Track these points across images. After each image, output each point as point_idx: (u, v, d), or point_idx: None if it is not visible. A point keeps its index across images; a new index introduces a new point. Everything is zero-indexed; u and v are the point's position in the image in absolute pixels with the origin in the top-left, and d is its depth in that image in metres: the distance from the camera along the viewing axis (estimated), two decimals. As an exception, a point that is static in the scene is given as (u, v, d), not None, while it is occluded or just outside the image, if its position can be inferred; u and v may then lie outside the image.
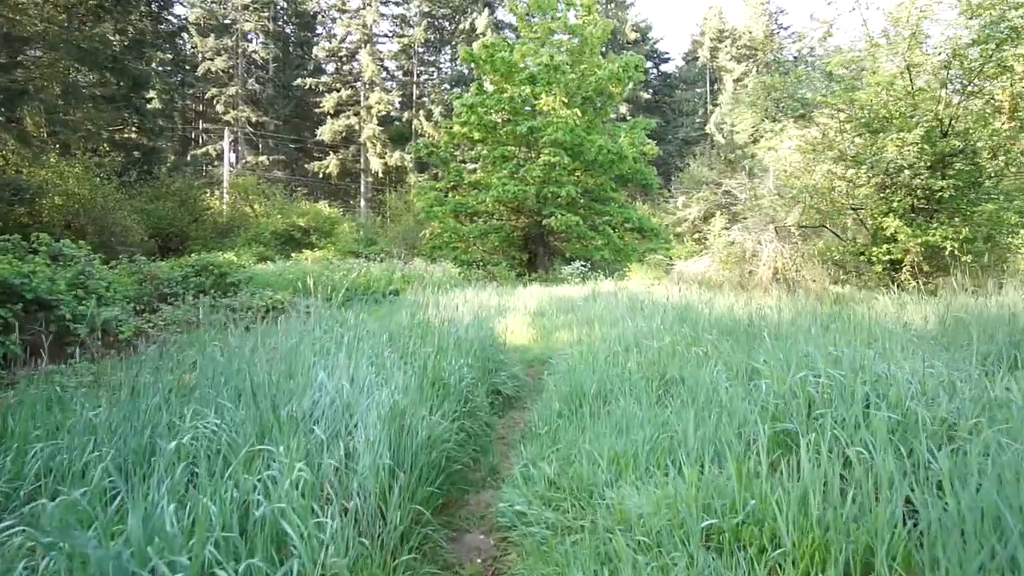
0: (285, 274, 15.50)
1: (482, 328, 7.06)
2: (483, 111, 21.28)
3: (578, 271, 16.33)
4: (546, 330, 9.07)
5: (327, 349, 4.72)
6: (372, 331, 6.26)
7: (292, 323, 6.30)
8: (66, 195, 23.14)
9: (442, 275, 16.84)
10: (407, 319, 7.19)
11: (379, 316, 10.23)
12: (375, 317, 9.25)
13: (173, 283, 11.81)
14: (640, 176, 22.68)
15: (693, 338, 5.85)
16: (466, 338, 6.31)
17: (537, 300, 11.90)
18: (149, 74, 29.34)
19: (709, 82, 46.32)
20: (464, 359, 5.36)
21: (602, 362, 5.44)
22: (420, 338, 5.72)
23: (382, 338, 5.56)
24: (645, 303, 9.95)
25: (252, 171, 38.33)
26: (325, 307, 10.06)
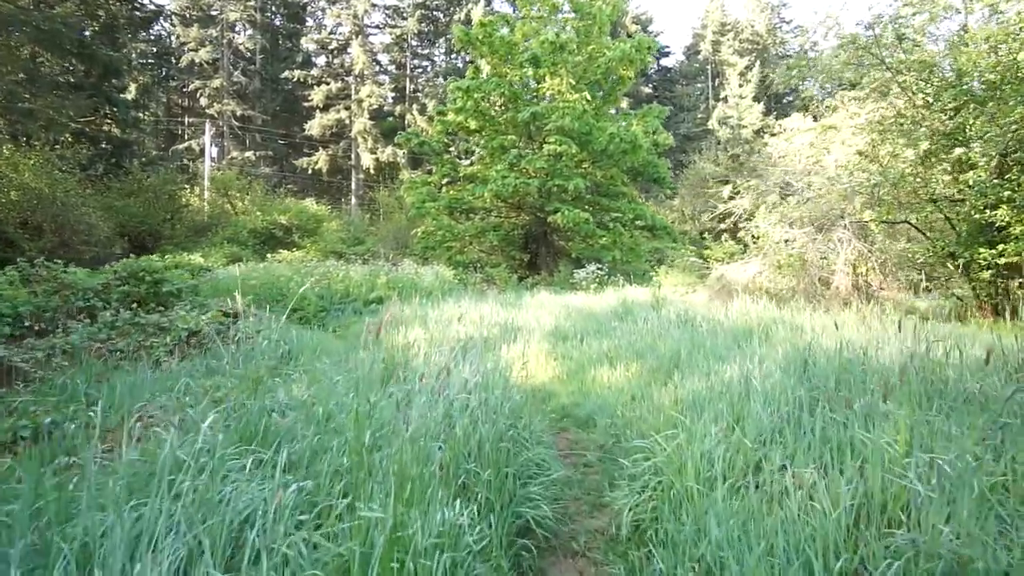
0: (248, 279, 12.68)
1: (491, 384, 4.27)
2: (480, 96, 18.51)
3: (593, 275, 13.62)
4: (575, 364, 6.33)
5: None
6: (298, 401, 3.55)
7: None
8: (22, 189, 20.16)
9: (434, 279, 14.07)
10: (373, 360, 4.44)
11: (338, 343, 7.52)
12: (338, 341, 6.53)
13: (89, 294, 9.00)
14: (652, 169, 19.97)
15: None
16: (467, 412, 3.54)
17: (551, 314, 9.17)
18: (121, 61, 26.38)
19: (711, 77, 43.66)
20: (466, 504, 2.60)
21: (727, 490, 2.70)
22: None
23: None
24: (701, 323, 7.23)
25: (239, 167, 35.40)
26: (272, 328, 7.36)
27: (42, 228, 20.11)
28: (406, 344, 7.13)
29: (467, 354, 5.97)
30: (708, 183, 32.74)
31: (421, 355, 5.98)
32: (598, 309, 9.36)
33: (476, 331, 8.22)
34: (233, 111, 36.59)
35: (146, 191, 25.37)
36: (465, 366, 4.63)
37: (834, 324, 5.98)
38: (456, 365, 5.10)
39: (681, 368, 5.20)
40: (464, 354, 6.36)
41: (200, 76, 36.59)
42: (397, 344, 7.79)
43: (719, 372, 4.69)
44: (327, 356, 5.98)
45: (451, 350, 6.01)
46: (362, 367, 3.84)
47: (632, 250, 19.44)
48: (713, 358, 5.50)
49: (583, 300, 10.74)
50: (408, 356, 5.31)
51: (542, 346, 7.04)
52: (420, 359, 5.30)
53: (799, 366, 4.30)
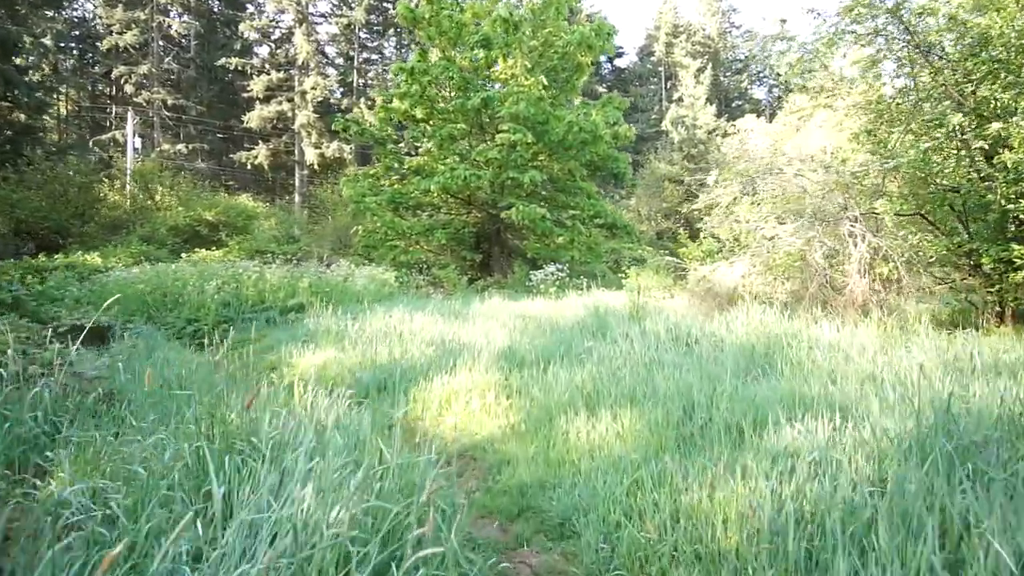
0: (135, 283, 10.15)
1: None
2: (427, 80, 16.32)
3: (552, 277, 11.63)
4: (538, 408, 4.26)
5: None
6: None
7: None
8: None
9: (368, 282, 11.82)
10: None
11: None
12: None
13: None
14: (613, 163, 18.20)
15: None
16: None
17: (504, 327, 7.12)
18: (17, 36, 22.88)
19: (664, 78, 42.58)
20: None
21: None
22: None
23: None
24: (698, 339, 5.32)
25: (170, 160, 31.97)
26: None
27: (-88, 223, 16.89)
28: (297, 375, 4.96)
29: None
30: (663, 183, 31.44)
31: (299, 399, 3.86)
32: (563, 320, 7.36)
33: (406, 350, 6.10)
34: (164, 100, 33.08)
35: (52, 183, 22.04)
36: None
37: (873, 341, 4.14)
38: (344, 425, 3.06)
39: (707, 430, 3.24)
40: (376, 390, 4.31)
41: (126, 62, 32.93)
42: (284, 376, 5.62)
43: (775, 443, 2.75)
44: (142, 413, 3.77)
45: (350, 393, 3.92)
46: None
47: (591, 249, 17.62)
48: (745, 404, 3.57)
49: (543, 308, 8.74)
50: (267, 416, 3.17)
51: (491, 376, 4.97)
52: (285, 419, 3.18)
53: (925, 433, 2.39)
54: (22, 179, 21.66)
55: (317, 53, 35.23)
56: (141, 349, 6.90)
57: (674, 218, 30.72)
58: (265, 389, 4.24)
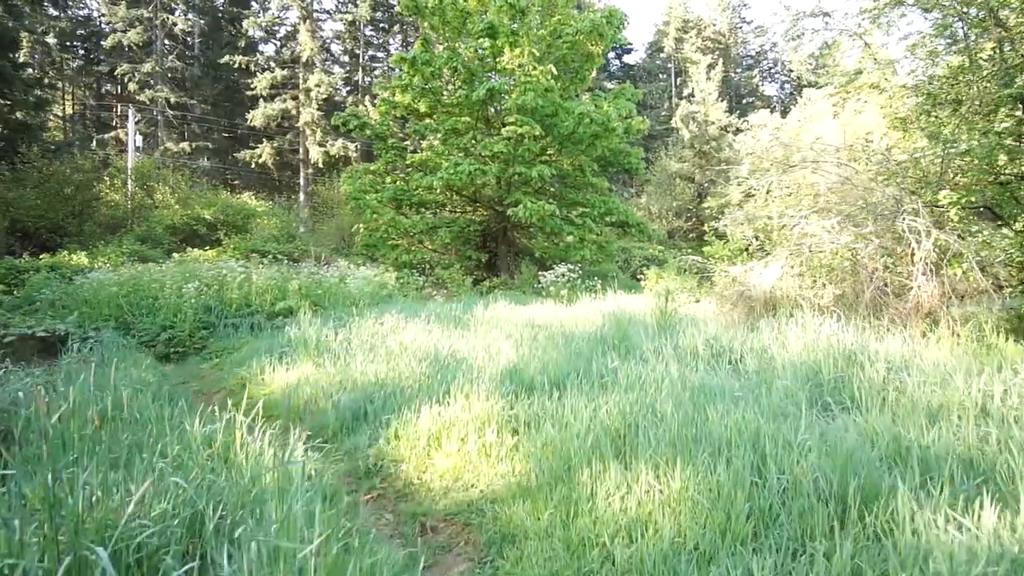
0: (106, 286, 9.20)
1: None
2: (430, 71, 15.32)
3: (564, 279, 10.56)
4: (553, 453, 3.21)
5: None
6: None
7: None
8: None
9: (364, 284, 10.82)
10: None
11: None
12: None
13: None
14: (625, 158, 17.14)
15: None
16: None
17: (510, 337, 6.10)
18: (15, 33, 22.08)
19: (674, 74, 41.38)
20: None
21: None
22: None
23: None
24: (744, 357, 4.28)
25: (174, 159, 31.18)
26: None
27: (-99, 222, 16.10)
28: (265, 396, 3.97)
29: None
30: (675, 180, 30.31)
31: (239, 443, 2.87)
32: (578, 329, 6.32)
33: (394, 367, 5.09)
34: (167, 98, 32.26)
35: (49, 182, 21.20)
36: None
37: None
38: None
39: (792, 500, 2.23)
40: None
41: (130, 60, 32.14)
42: (254, 395, 4.64)
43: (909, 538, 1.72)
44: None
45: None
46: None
47: (602, 249, 16.58)
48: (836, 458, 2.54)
49: (553, 313, 7.70)
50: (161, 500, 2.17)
51: (492, 405, 3.94)
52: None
53: None
54: (18, 177, 20.86)
55: (322, 50, 34.33)
56: (94, 363, 5.93)
57: (686, 216, 29.58)
58: (195, 432, 3.26)
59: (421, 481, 3.45)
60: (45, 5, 29.73)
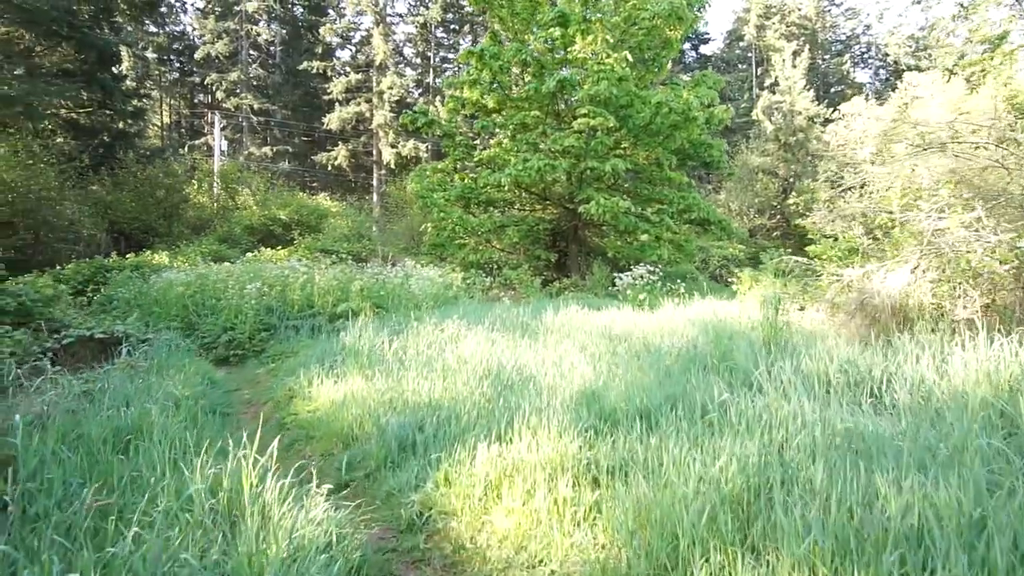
0: (175, 286, 9.06)
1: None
2: (498, 65, 14.61)
3: (643, 281, 9.50)
4: (653, 526, 2.36)
5: None
6: None
7: None
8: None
9: (429, 285, 10.25)
10: None
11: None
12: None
13: None
14: (705, 150, 15.78)
15: None
16: None
17: (584, 350, 5.23)
18: (115, 46, 23.31)
19: (755, 64, 38.87)
20: None
21: None
22: None
23: None
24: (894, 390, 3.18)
25: (256, 163, 32.29)
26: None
27: (13, 224, 17.09)
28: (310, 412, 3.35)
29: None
30: (757, 175, 28.26)
31: (247, 494, 2.16)
32: (664, 342, 5.36)
33: (451, 385, 4.35)
34: (251, 105, 33.47)
35: (142, 185, 22.23)
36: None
37: None
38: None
39: None
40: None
41: (218, 70, 33.60)
42: (297, 412, 4.06)
43: None
44: None
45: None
46: None
47: (681, 248, 15.32)
48: None
49: (633, 321, 6.75)
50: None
51: (566, 444, 3.10)
52: None
53: None
54: (116, 181, 22.00)
55: (394, 53, 34.59)
56: (145, 367, 5.57)
57: (769, 213, 27.45)
58: (196, 475, 2.62)
59: (475, 546, 2.66)
60: (145, 22, 31.48)
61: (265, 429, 4.71)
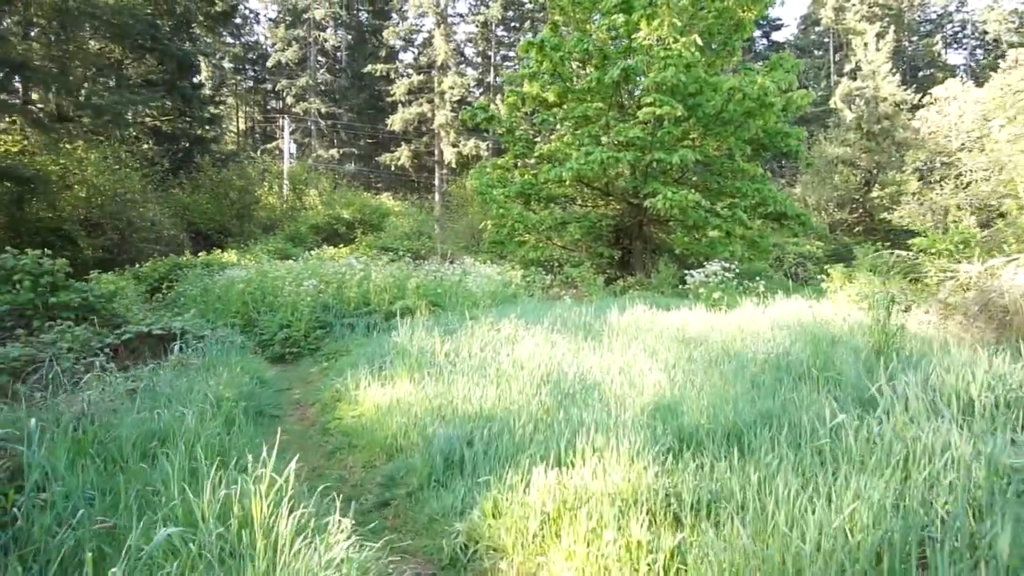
0: (236, 283, 9.08)
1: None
2: (559, 56, 14.04)
3: (717, 279, 8.70)
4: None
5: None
6: None
7: None
8: (86, 185, 18.20)
9: (487, 282, 9.86)
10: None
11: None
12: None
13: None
14: (782, 139, 14.62)
15: None
16: None
17: (652, 355, 4.65)
18: (194, 57, 24.41)
19: (832, 50, 36.41)
20: None
21: None
22: None
23: None
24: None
25: (324, 165, 33.15)
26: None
27: (101, 225, 18.06)
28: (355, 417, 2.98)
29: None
30: (836, 166, 26.32)
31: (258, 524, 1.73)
32: (747, 347, 4.69)
33: (504, 391, 3.88)
34: (318, 109, 34.40)
35: (217, 187, 23.17)
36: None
37: None
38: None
39: None
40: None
41: (288, 76, 34.73)
42: (341, 417, 3.70)
43: None
44: None
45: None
46: None
47: (755, 244, 14.29)
48: None
49: (707, 322, 6.06)
50: None
51: (639, 470, 2.56)
52: None
53: None
54: (194, 184, 23.05)
55: (455, 53, 34.63)
56: (197, 365, 5.44)
57: (850, 207, 25.48)
58: (205, 502, 2.26)
59: (528, 595, 2.18)
60: (222, 33, 32.93)
61: (307, 435, 4.42)
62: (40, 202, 16.66)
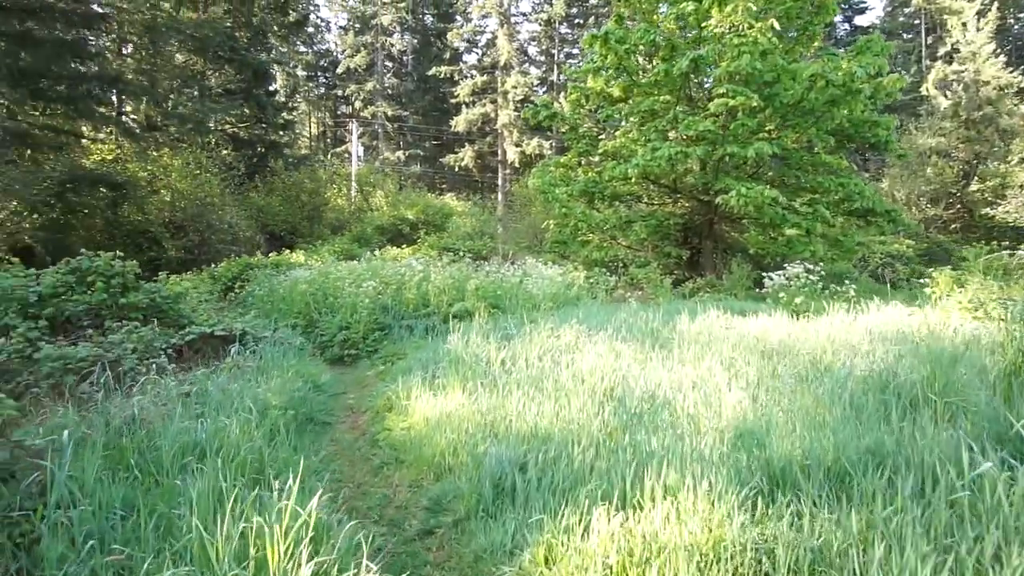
0: (299, 283, 9.16)
1: None
2: (625, 48, 13.45)
3: (800, 282, 7.90)
4: None
5: None
6: None
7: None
8: (170, 190, 19.27)
9: (548, 284, 9.50)
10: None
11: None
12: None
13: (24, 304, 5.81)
14: (870, 129, 13.41)
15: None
16: None
17: (733, 369, 4.15)
18: (269, 65, 25.40)
19: (924, 32, 33.58)
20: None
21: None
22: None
23: None
24: None
25: (391, 167, 33.81)
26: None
27: (184, 227, 19.01)
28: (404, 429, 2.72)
29: None
30: (929, 158, 24.15)
31: None
32: (840, 362, 4.09)
33: (563, 407, 3.51)
34: (385, 112, 35.11)
35: (289, 190, 24.01)
36: None
37: None
38: None
39: None
40: None
41: (356, 81, 35.64)
42: (391, 428, 3.46)
43: None
44: None
45: None
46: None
47: (838, 244, 13.20)
48: None
49: (790, 331, 5.43)
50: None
51: (719, 518, 2.14)
52: None
53: None
54: (268, 187, 24.00)
55: (518, 52, 34.42)
56: (253, 367, 5.39)
57: (945, 202, 23.30)
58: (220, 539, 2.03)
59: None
60: (295, 42, 34.23)
61: (356, 446, 4.21)
62: (131, 206, 17.68)
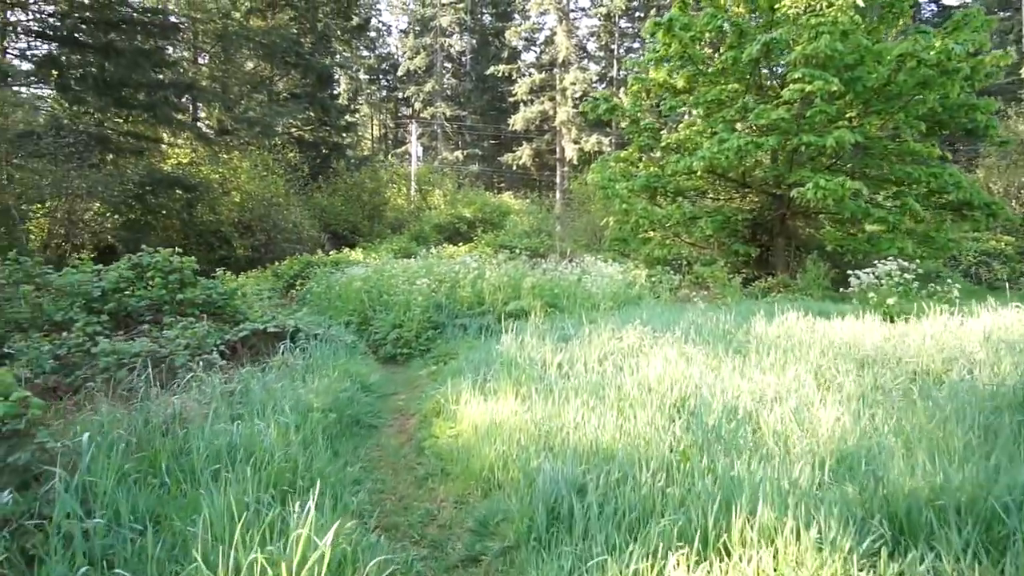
0: (354, 281, 9.09)
1: None
2: (690, 36, 12.73)
3: (893, 281, 7.05)
4: None
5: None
6: None
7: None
8: (240, 192, 19.99)
9: (608, 283, 9.03)
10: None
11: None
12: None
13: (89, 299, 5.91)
14: (966, 113, 12.13)
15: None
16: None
17: (823, 380, 3.61)
18: (332, 69, 26.00)
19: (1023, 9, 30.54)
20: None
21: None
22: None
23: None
24: None
25: (450, 166, 34.00)
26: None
27: (251, 227, 19.64)
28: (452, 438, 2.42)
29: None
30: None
31: None
32: (959, 375, 3.47)
33: (627, 420, 3.10)
34: (444, 112, 35.33)
35: (351, 190, 24.48)
36: None
37: None
38: None
39: None
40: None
41: (416, 82, 36.06)
42: (438, 436, 3.17)
43: None
44: None
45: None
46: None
47: (928, 240, 12.00)
48: None
49: (886, 336, 4.76)
50: None
51: (831, 570, 1.69)
52: None
53: None
54: (331, 188, 24.56)
55: (577, 49, 33.84)
56: (301, 365, 5.25)
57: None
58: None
59: None
60: (358, 46, 34.98)
61: (401, 453, 3.94)
62: (204, 207, 18.41)
